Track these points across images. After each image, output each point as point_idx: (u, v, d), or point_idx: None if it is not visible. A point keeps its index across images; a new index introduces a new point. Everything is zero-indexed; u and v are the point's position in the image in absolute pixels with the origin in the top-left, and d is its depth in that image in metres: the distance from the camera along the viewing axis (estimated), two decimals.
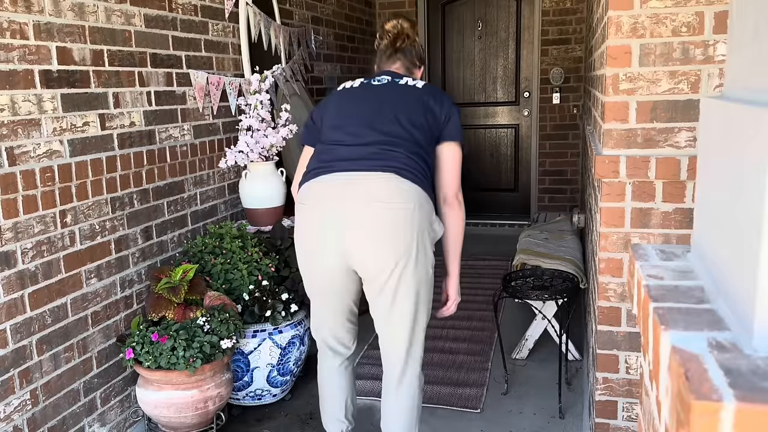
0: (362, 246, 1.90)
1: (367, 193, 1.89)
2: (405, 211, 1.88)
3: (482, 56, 5.80)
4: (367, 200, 1.88)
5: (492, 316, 3.63)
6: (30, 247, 2.11)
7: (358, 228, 1.89)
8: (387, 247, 1.89)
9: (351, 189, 1.90)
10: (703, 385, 0.62)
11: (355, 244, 1.91)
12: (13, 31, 2.03)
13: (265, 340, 2.70)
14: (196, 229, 3.04)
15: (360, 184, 1.90)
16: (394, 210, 1.88)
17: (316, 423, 2.74)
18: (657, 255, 1.06)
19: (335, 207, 1.91)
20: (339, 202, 1.91)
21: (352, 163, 1.94)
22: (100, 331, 2.43)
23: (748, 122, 0.73)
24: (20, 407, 2.08)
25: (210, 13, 3.12)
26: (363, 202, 1.88)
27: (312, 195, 1.96)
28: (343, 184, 1.92)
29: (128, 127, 2.55)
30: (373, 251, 1.90)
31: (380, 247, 1.89)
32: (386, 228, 1.88)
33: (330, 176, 1.95)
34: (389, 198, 1.88)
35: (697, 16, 1.84)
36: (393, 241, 1.88)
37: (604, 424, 2.17)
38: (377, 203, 1.88)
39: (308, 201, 1.97)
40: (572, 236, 3.76)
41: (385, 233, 1.88)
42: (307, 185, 1.99)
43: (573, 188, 5.70)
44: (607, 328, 2.11)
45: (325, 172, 1.96)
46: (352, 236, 1.90)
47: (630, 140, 1.95)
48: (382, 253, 1.89)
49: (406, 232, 1.88)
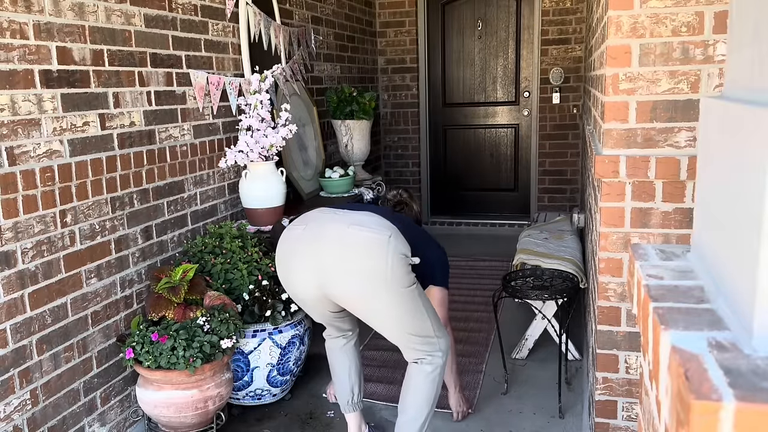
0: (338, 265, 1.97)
1: (348, 220, 2.01)
2: (382, 236, 1.96)
3: (482, 56, 5.80)
4: (348, 224, 1.99)
5: (489, 317, 3.64)
6: (30, 246, 2.11)
7: (335, 247, 1.97)
8: (361, 265, 1.95)
9: (334, 216, 2.05)
10: (703, 384, 0.62)
11: (331, 264, 1.98)
12: (13, 31, 2.03)
13: (265, 339, 2.70)
14: (196, 228, 3.04)
15: (343, 215, 2.05)
16: (371, 233, 1.96)
17: (316, 423, 2.74)
18: (657, 255, 1.06)
19: (316, 227, 2.03)
20: (321, 224, 2.03)
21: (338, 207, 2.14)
22: (100, 330, 2.43)
23: (748, 122, 0.73)
24: (20, 407, 2.08)
25: (210, 13, 3.12)
26: (343, 225, 2.00)
27: (298, 221, 2.12)
28: (328, 214, 2.08)
29: (128, 127, 2.55)
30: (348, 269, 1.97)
31: (355, 265, 1.96)
32: (362, 248, 1.95)
33: (316, 210, 2.14)
34: (368, 225, 1.99)
35: (697, 16, 1.85)
36: (368, 260, 1.94)
37: (604, 424, 2.17)
38: (356, 226, 1.98)
39: (294, 226, 2.12)
40: (572, 236, 3.76)
41: (360, 252, 1.95)
42: (298, 218, 2.17)
43: (573, 188, 5.70)
44: (606, 327, 2.11)
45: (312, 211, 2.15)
46: (328, 255, 1.98)
47: (630, 140, 1.96)
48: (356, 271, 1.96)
49: (380, 254, 1.94)
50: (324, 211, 2.11)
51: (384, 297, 1.96)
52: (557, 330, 2.98)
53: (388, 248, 1.93)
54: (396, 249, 1.95)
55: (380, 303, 1.98)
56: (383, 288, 1.95)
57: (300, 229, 2.07)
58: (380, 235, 1.95)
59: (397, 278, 1.95)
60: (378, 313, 2.02)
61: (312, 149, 4.18)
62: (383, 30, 5.87)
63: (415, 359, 2.15)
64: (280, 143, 3.15)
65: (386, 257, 1.93)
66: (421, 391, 2.15)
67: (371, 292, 1.96)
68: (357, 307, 2.04)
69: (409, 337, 2.08)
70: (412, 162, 6.03)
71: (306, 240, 2.02)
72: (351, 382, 2.40)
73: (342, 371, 2.40)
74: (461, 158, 6.02)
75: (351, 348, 2.41)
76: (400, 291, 1.97)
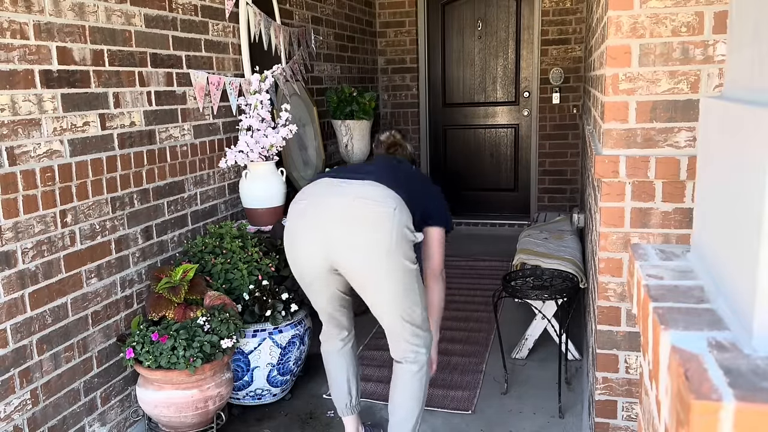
0: (340, 240, 2.01)
1: (353, 193, 2.02)
2: (387, 208, 1.99)
3: (482, 56, 5.80)
4: (353, 197, 2.00)
5: (489, 317, 3.64)
6: (30, 246, 2.11)
7: (342, 221, 2.00)
8: (365, 239, 1.98)
9: (338, 189, 2.05)
10: (703, 384, 0.62)
11: (338, 238, 2.01)
12: (14, 31, 2.03)
13: (265, 339, 2.70)
14: (196, 228, 3.04)
15: (347, 186, 2.05)
16: (376, 207, 1.98)
17: (316, 422, 2.74)
18: (657, 255, 1.06)
19: (321, 202, 2.04)
20: (325, 198, 2.04)
21: (341, 175, 2.13)
22: (100, 330, 2.43)
23: (748, 122, 0.73)
24: (20, 407, 2.09)
25: (210, 13, 3.12)
26: (349, 199, 2.01)
27: (302, 195, 2.13)
28: (331, 186, 2.08)
29: (128, 127, 2.55)
30: (352, 243, 2.00)
31: (358, 239, 1.99)
32: (367, 222, 1.98)
33: (319, 181, 2.14)
34: (373, 197, 2.00)
35: (697, 16, 1.85)
36: (373, 233, 1.97)
37: (604, 424, 2.17)
38: (361, 199, 2.00)
39: (298, 200, 2.13)
40: (572, 236, 3.76)
41: (366, 226, 1.98)
42: (305, 187, 2.16)
43: (573, 188, 5.70)
44: (606, 327, 2.11)
45: (316, 179, 2.16)
46: (334, 228, 2.00)
47: (630, 140, 1.96)
48: (360, 245, 1.99)
49: (385, 227, 1.97)
50: (328, 183, 2.10)
51: (386, 268, 1.99)
52: (557, 330, 2.98)
53: (393, 221, 1.97)
54: (400, 222, 1.99)
55: (383, 275, 2.00)
56: (386, 259, 1.98)
57: (303, 204, 2.09)
58: (385, 208, 1.98)
59: (401, 250, 1.99)
60: (379, 286, 2.03)
61: (312, 149, 4.18)
62: (383, 30, 5.87)
63: (402, 357, 2.17)
64: (280, 143, 3.15)
65: (391, 230, 1.97)
66: (409, 390, 2.17)
67: (376, 264, 1.99)
68: (361, 280, 2.05)
69: (402, 324, 2.10)
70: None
71: (310, 216, 2.04)
72: (348, 386, 2.39)
73: (339, 375, 2.39)
74: (461, 158, 6.02)
75: (348, 351, 2.40)
76: (403, 264, 2.01)
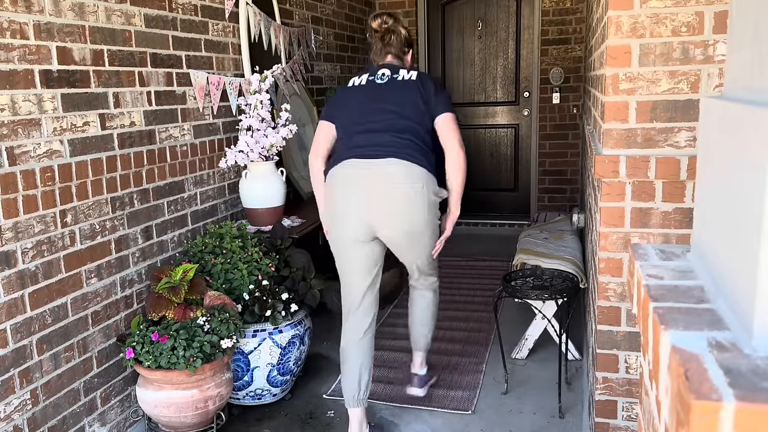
0: (383, 219, 2.38)
1: (384, 176, 2.36)
2: (415, 189, 2.36)
3: (482, 56, 5.80)
4: (385, 182, 2.36)
5: (489, 317, 3.64)
6: (30, 246, 2.11)
7: (379, 205, 2.37)
8: (403, 219, 2.38)
9: (371, 172, 2.37)
10: (703, 384, 0.62)
11: (378, 218, 2.38)
12: (13, 31, 2.03)
13: (265, 339, 2.70)
14: (196, 228, 3.04)
15: (378, 168, 2.36)
16: (407, 189, 2.35)
17: (316, 423, 2.74)
18: (657, 255, 1.06)
19: (359, 186, 2.38)
20: (362, 181, 2.38)
21: (371, 150, 2.39)
22: (100, 330, 2.43)
23: (748, 122, 0.73)
24: (20, 407, 2.09)
25: (210, 13, 3.12)
26: (382, 184, 2.36)
27: (339, 177, 2.42)
28: (365, 169, 2.38)
29: (128, 126, 2.55)
30: (390, 221, 2.38)
31: (398, 219, 2.38)
32: (401, 203, 2.36)
33: (353, 161, 2.40)
34: (403, 180, 2.35)
35: (697, 15, 1.85)
36: (407, 213, 2.38)
37: (604, 424, 2.17)
38: (393, 184, 2.35)
39: (336, 182, 2.43)
40: (572, 236, 3.76)
41: (400, 207, 2.37)
42: (335, 170, 2.45)
43: (573, 188, 5.70)
44: (606, 327, 2.11)
45: (349, 157, 2.42)
46: (374, 210, 2.37)
47: (630, 140, 1.96)
48: (399, 224, 2.39)
49: (417, 206, 2.38)
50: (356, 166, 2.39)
51: (421, 233, 2.45)
52: (557, 330, 2.98)
53: (423, 197, 2.38)
54: (428, 194, 2.40)
55: (417, 239, 2.45)
56: (423, 227, 2.43)
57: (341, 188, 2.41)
58: (414, 188, 2.36)
59: (431, 215, 2.44)
60: (413, 247, 2.50)
61: None
62: None
63: (423, 286, 2.73)
64: (280, 143, 3.15)
65: (423, 205, 2.39)
66: (428, 308, 2.76)
67: (413, 232, 2.43)
68: (400, 244, 2.48)
69: (425, 265, 2.61)
70: None
71: (352, 198, 2.39)
72: (360, 377, 2.49)
73: (353, 365, 2.50)
74: None
75: (367, 342, 2.53)
76: (433, 225, 2.48)
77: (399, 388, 2.98)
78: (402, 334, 3.58)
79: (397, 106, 2.44)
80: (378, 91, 2.50)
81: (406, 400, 2.87)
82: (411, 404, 2.85)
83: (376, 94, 2.49)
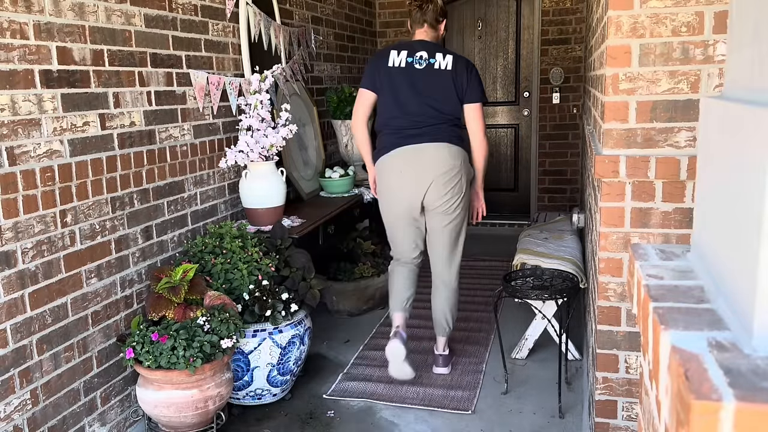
0: (433, 192, 2.87)
1: (430, 158, 2.86)
2: (455, 167, 2.88)
3: (482, 56, 5.80)
4: (432, 162, 2.85)
5: (489, 317, 3.64)
6: (30, 246, 2.11)
7: (430, 180, 2.86)
8: (449, 190, 2.89)
9: (419, 155, 2.87)
10: (703, 384, 0.62)
11: (430, 191, 2.88)
12: (13, 31, 2.03)
13: (265, 339, 2.70)
14: (196, 228, 3.04)
15: (425, 152, 2.87)
16: (449, 167, 2.87)
17: (316, 422, 2.74)
18: (657, 255, 1.06)
19: (412, 168, 2.87)
20: (415, 163, 2.87)
21: (416, 138, 2.87)
22: (100, 330, 2.43)
23: (748, 122, 0.73)
24: (20, 407, 2.09)
25: (210, 13, 3.12)
26: (429, 164, 2.86)
27: (394, 162, 2.92)
28: (413, 153, 2.87)
29: (128, 126, 2.55)
30: (442, 193, 2.88)
31: (445, 191, 2.88)
32: (450, 178, 2.87)
33: (402, 149, 2.89)
34: (446, 160, 2.86)
35: (697, 15, 1.85)
36: (453, 186, 2.89)
37: (604, 424, 2.17)
38: (439, 163, 2.86)
39: (387, 168, 2.94)
40: (572, 236, 3.76)
41: (449, 180, 2.87)
42: (385, 158, 2.94)
43: (573, 188, 5.70)
44: (606, 327, 2.11)
45: (398, 145, 2.90)
46: (426, 185, 2.87)
47: (630, 140, 1.96)
48: (446, 195, 2.89)
49: (460, 180, 2.91)
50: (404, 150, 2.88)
51: (460, 200, 2.94)
52: (557, 330, 2.98)
53: (461, 174, 2.91)
54: (466, 169, 2.95)
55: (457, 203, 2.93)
56: (462, 198, 2.95)
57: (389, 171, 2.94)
58: (453, 168, 2.87)
59: (467, 183, 2.97)
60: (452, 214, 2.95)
61: (312, 149, 4.18)
62: (383, 30, 5.87)
63: (447, 274, 3.07)
64: (280, 143, 3.15)
65: (461, 181, 2.91)
66: (451, 301, 3.11)
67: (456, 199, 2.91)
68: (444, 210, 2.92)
69: (456, 249, 3.05)
70: None
71: (405, 175, 2.89)
72: (406, 293, 3.08)
73: (403, 284, 3.08)
74: None
75: (413, 272, 3.11)
76: (468, 196, 3.01)
77: (399, 387, 2.98)
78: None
79: (433, 95, 2.89)
80: (416, 78, 2.90)
81: (406, 400, 2.87)
82: (411, 404, 2.85)
83: (415, 82, 2.90)
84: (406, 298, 3.08)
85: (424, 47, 2.92)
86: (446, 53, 2.91)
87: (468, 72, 2.90)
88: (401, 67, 2.90)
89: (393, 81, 2.90)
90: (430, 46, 2.93)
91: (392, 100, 2.90)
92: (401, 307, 3.07)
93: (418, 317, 3.68)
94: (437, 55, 2.89)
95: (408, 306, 3.09)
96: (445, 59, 2.88)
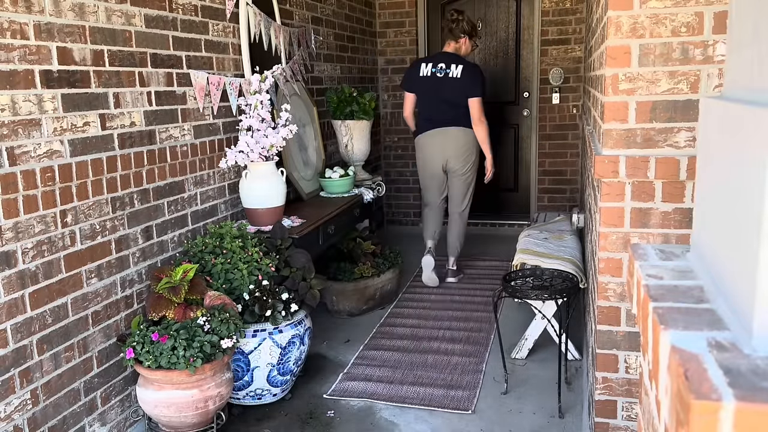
0: (453, 159, 4.28)
1: (450, 137, 4.24)
2: (468, 143, 4.25)
3: (482, 56, 5.80)
4: (451, 141, 4.25)
5: (489, 317, 3.64)
6: (30, 246, 2.11)
7: (451, 152, 4.26)
8: (463, 158, 4.28)
9: (445, 135, 4.25)
10: (703, 384, 0.62)
11: (450, 158, 4.28)
12: (14, 31, 2.03)
13: (265, 339, 2.70)
14: (197, 228, 3.05)
15: (449, 133, 4.24)
16: (466, 144, 4.25)
17: (316, 422, 2.74)
18: (656, 255, 1.06)
19: (439, 143, 4.27)
20: (441, 140, 4.27)
21: (440, 123, 4.24)
22: (100, 330, 2.43)
23: (748, 122, 0.73)
24: (21, 407, 2.09)
25: (210, 14, 3.12)
26: (453, 141, 4.24)
27: (427, 139, 4.33)
28: (442, 133, 4.26)
29: (128, 127, 2.55)
30: (458, 161, 4.27)
31: (460, 159, 4.27)
32: (463, 150, 4.26)
33: (433, 131, 4.29)
34: (460, 139, 4.23)
35: (697, 16, 1.85)
36: (466, 156, 4.28)
37: (604, 424, 2.18)
38: (458, 140, 4.24)
39: (424, 143, 4.35)
40: (572, 236, 3.76)
41: (463, 152, 4.26)
42: (421, 137, 4.36)
43: (573, 188, 5.70)
44: (606, 327, 2.12)
45: (430, 128, 4.29)
46: (448, 155, 4.27)
47: (629, 140, 1.96)
48: (461, 161, 4.28)
49: (471, 152, 4.29)
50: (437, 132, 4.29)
51: (471, 167, 4.34)
52: (557, 330, 2.99)
53: (473, 145, 4.27)
54: (475, 142, 4.25)
55: (468, 169, 4.34)
56: (473, 164, 4.34)
57: (427, 145, 4.34)
58: (467, 141, 4.25)
59: (475, 155, 4.33)
60: (465, 175, 4.34)
61: (312, 149, 4.18)
62: (383, 30, 5.87)
63: (459, 210, 4.42)
64: (280, 143, 3.15)
65: (473, 149, 4.29)
66: (461, 229, 4.47)
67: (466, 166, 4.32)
68: (461, 171, 4.31)
69: (466, 196, 4.42)
70: (412, 162, 5.99)
71: (436, 146, 4.29)
72: (435, 227, 4.47)
73: (433, 220, 4.46)
74: None
75: (439, 212, 4.47)
76: (476, 163, 4.38)
77: (399, 387, 2.98)
78: (402, 335, 3.59)
79: (450, 95, 4.18)
80: (438, 84, 4.19)
81: (406, 400, 2.88)
82: (411, 404, 2.85)
83: (437, 88, 4.20)
84: (435, 230, 4.44)
85: (444, 59, 4.20)
86: (459, 63, 4.15)
87: (472, 76, 4.15)
88: (427, 76, 4.22)
89: (423, 86, 4.24)
90: (450, 57, 4.20)
91: (425, 99, 4.27)
92: (432, 236, 4.44)
93: (418, 316, 3.67)
94: (452, 65, 4.16)
95: (436, 236, 4.45)
96: (457, 69, 4.15)
